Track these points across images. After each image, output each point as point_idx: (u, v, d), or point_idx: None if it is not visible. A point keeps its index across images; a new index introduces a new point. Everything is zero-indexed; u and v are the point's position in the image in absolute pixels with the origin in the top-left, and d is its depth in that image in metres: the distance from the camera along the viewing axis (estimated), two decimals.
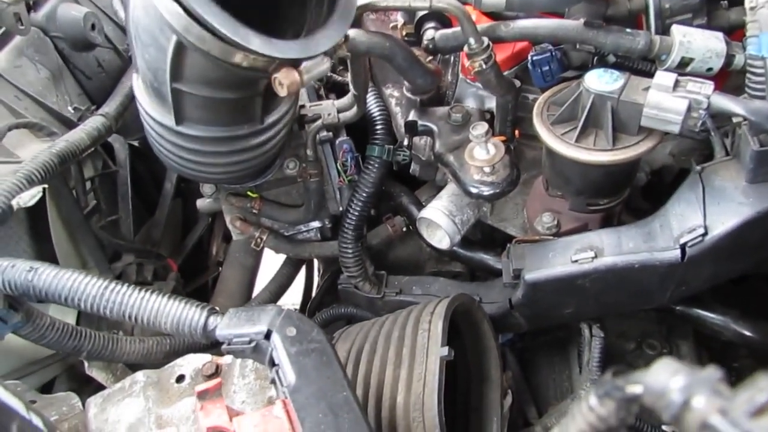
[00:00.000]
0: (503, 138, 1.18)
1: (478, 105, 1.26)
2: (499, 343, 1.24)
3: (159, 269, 1.67)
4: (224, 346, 0.81)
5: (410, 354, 0.99)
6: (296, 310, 1.56)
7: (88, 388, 1.18)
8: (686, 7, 1.04)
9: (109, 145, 1.63)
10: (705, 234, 0.92)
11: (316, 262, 1.96)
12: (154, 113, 1.04)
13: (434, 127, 1.22)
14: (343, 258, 1.36)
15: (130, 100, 1.44)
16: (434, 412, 0.91)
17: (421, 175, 1.39)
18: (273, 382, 0.78)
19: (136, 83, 1.08)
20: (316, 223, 1.46)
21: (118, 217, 1.63)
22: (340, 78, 1.53)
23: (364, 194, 1.32)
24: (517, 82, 1.18)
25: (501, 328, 1.25)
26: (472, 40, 1.03)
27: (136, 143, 1.71)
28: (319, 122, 1.33)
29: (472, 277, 1.47)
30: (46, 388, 1.27)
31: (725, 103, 0.90)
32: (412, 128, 1.25)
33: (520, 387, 1.38)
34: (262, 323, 0.79)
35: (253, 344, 0.79)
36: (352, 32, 1.03)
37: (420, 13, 1.19)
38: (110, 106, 1.38)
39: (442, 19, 1.18)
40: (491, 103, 1.23)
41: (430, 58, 1.18)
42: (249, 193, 1.38)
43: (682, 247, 0.95)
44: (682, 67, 1.01)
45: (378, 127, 1.34)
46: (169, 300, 0.85)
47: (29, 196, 0.99)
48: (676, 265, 0.96)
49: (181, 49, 0.89)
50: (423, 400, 0.93)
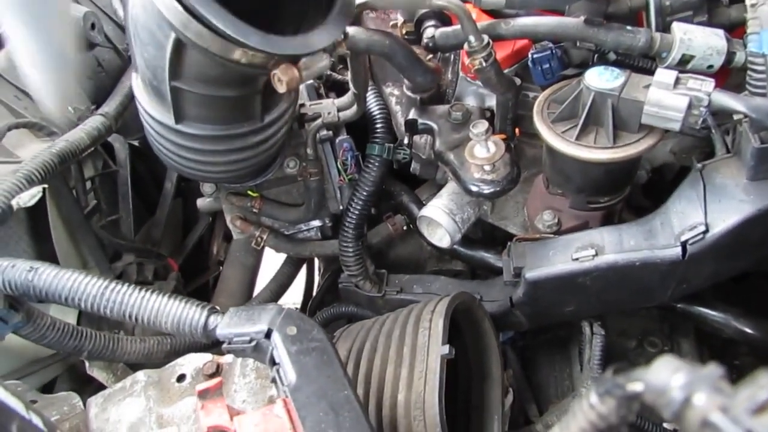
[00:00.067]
0: (503, 136, 1.18)
1: (479, 103, 1.26)
2: (500, 342, 1.24)
3: (159, 269, 1.67)
4: (225, 346, 0.81)
5: (411, 352, 0.99)
6: (297, 309, 1.56)
7: (89, 387, 1.18)
8: (687, 4, 1.04)
9: (109, 145, 1.63)
10: (706, 231, 0.92)
11: (317, 261, 1.96)
12: (153, 112, 1.04)
13: (434, 126, 1.22)
14: (344, 257, 1.36)
15: (130, 99, 1.43)
16: (435, 411, 0.91)
17: (422, 174, 1.39)
18: (274, 381, 0.78)
19: (136, 82, 1.08)
20: (317, 222, 1.46)
21: (119, 216, 1.63)
22: (340, 76, 1.53)
23: (365, 193, 1.32)
24: (518, 80, 1.18)
25: (502, 326, 1.25)
26: (472, 38, 1.03)
27: (136, 143, 1.71)
28: (319, 121, 1.33)
29: (473, 276, 1.47)
30: (48, 388, 1.27)
31: (726, 100, 0.89)
32: (412, 127, 1.24)
33: (521, 385, 1.38)
34: (263, 322, 0.79)
35: (253, 343, 0.79)
36: (351, 30, 1.03)
37: (420, 12, 1.19)
38: (110, 106, 1.38)
39: (442, 18, 1.18)
40: (491, 102, 1.23)
41: (430, 56, 1.18)
42: (249, 192, 1.38)
43: (683, 245, 0.94)
44: (683, 65, 1.01)
45: (378, 126, 1.33)
46: (170, 299, 0.85)
47: (29, 196, 0.99)
48: (677, 263, 0.96)
49: (179, 47, 0.89)
50: (424, 399, 0.93)
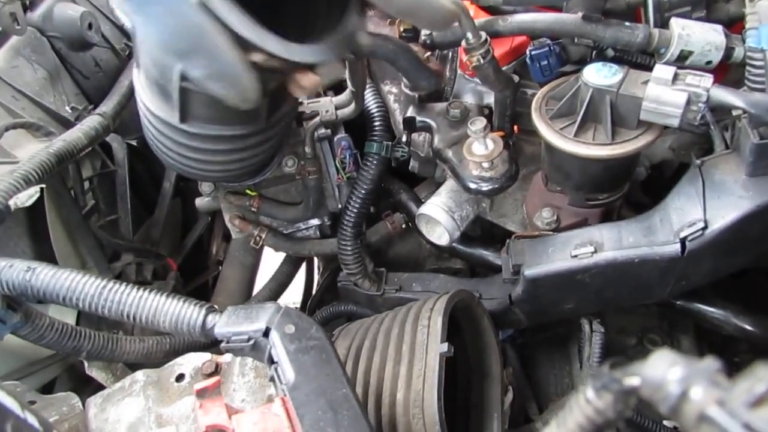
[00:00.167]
0: (502, 133, 1.17)
1: (477, 100, 1.25)
2: (500, 339, 1.24)
3: (158, 269, 1.67)
4: (223, 345, 0.81)
5: (410, 350, 0.99)
6: (297, 308, 1.56)
7: (88, 388, 1.18)
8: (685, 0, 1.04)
9: (107, 145, 1.62)
10: (705, 228, 0.92)
11: (316, 260, 1.96)
12: (155, 109, 1.03)
13: (433, 123, 1.22)
14: (343, 255, 1.36)
15: (128, 99, 1.44)
16: (434, 409, 0.90)
17: (420, 172, 1.39)
18: (272, 379, 0.77)
19: (137, 78, 1.06)
20: (315, 221, 1.46)
21: (117, 216, 1.63)
22: None
23: (363, 191, 1.31)
24: (516, 77, 1.17)
25: (501, 324, 1.25)
26: (469, 35, 1.03)
27: (135, 142, 1.71)
28: (317, 119, 1.32)
29: (472, 274, 1.47)
30: (47, 389, 1.27)
31: (725, 95, 0.89)
32: (410, 124, 1.24)
33: (521, 383, 1.37)
34: (261, 321, 0.79)
35: (251, 342, 0.79)
36: None
37: None
38: (108, 106, 1.38)
39: None
40: (490, 99, 1.22)
41: (428, 53, 1.18)
42: (248, 192, 1.38)
43: (683, 241, 0.94)
44: (681, 61, 1.01)
45: (376, 124, 1.33)
46: (168, 299, 0.85)
47: (26, 196, 0.99)
48: (677, 260, 0.95)
49: None
50: (423, 397, 0.92)
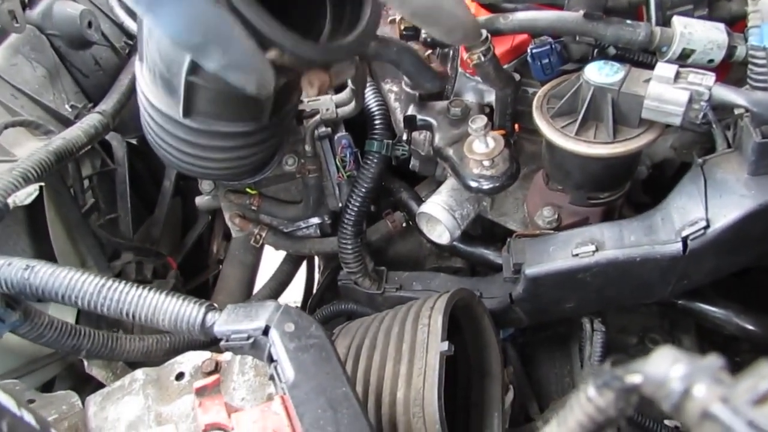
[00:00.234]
0: (503, 132, 1.17)
1: (478, 99, 1.25)
2: (500, 338, 1.24)
3: (158, 267, 1.67)
4: (222, 343, 0.81)
5: (410, 349, 0.99)
6: (297, 306, 1.56)
7: (87, 386, 1.18)
8: None
9: (106, 143, 1.62)
10: (707, 227, 0.91)
11: (317, 259, 1.96)
12: (158, 104, 1.02)
13: (433, 122, 1.21)
14: (343, 254, 1.35)
15: (128, 97, 1.43)
16: (434, 408, 0.90)
17: (421, 171, 1.38)
18: (272, 378, 0.77)
19: (140, 72, 1.05)
20: (316, 219, 1.46)
21: (117, 215, 1.62)
22: None
23: (364, 190, 1.31)
24: (517, 76, 1.17)
25: (502, 323, 1.25)
26: None
27: (134, 141, 1.70)
28: (318, 117, 1.32)
29: (473, 273, 1.46)
30: (47, 387, 1.26)
31: (727, 94, 0.89)
32: (411, 123, 1.24)
33: (522, 382, 1.37)
34: (260, 319, 0.79)
35: (251, 340, 0.78)
36: None
37: None
38: (107, 104, 1.38)
39: None
40: (490, 97, 1.22)
41: (429, 51, 1.17)
42: (248, 190, 1.37)
43: (684, 240, 0.94)
44: (683, 59, 1.00)
45: (377, 122, 1.33)
46: (167, 297, 0.84)
47: (25, 194, 0.99)
48: (678, 259, 0.95)
49: None
50: (423, 396, 0.92)
